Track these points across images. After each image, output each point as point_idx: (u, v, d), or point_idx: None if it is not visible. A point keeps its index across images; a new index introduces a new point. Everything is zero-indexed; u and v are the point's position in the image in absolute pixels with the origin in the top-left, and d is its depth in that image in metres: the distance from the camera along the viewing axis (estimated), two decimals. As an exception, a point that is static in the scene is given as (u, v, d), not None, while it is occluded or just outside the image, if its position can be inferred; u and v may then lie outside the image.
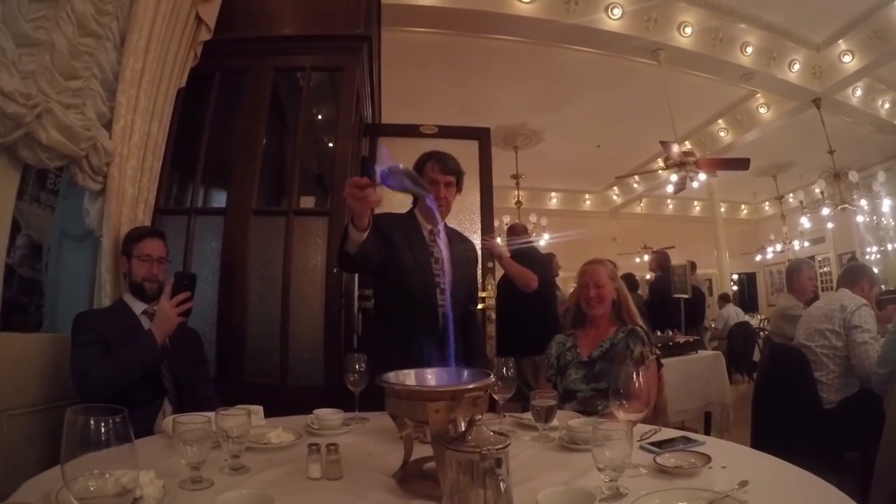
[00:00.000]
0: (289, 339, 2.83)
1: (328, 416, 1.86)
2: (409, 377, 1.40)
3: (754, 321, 8.61)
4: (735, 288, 13.37)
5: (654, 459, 1.38)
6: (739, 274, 14.46)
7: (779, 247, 12.50)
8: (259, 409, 1.81)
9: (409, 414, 1.30)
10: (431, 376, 1.43)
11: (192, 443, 1.25)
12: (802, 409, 3.11)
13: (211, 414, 1.36)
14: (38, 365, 2.14)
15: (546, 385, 2.37)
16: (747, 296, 14.49)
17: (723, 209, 12.46)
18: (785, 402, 3.20)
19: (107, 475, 0.79)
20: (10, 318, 2.09)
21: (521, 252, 4.21)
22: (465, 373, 1.42)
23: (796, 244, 12.02)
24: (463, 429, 1.13)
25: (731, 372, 6.04)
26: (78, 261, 2.59)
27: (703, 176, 7.45)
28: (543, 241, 10.74)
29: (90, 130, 2.29)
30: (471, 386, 1.24)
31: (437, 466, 1.28)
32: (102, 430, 0.77)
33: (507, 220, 10.68)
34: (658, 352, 2.43)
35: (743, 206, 15.15)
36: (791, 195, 11.53)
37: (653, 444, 1.57)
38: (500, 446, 1.01)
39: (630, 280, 7.59)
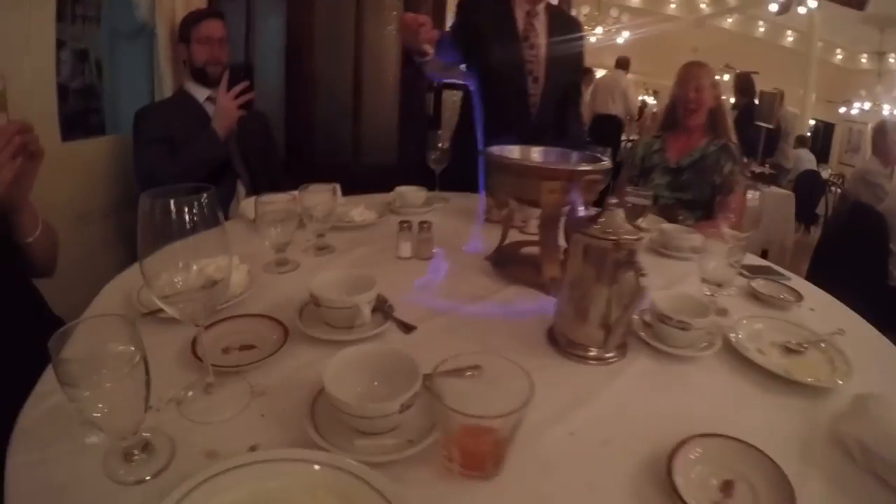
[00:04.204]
0: (361, 116, 2.64)
1: (411, 193, 1.75)
2: (514, 153, 1.22)
3: (824, 174, 7.85)
4: (808, 134, 12.35)
5: (750, 283, 1.28)
6: (817, 121, 13.10)
7: (867, 105, 11.19)
8: (337, 187, 1.72)
9: (518, 192, 1.14)
10: (538, 155, 1.25)
11: (277, 223, 1.16)
12: (866, 277, 2.80)
13: (294, 192, 1.25)
14: (105, 169, 2.07)
15: (627, 185, 2.20)
16: (820, 145, 13.28)
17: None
18: (849, 265, 2.86)
19: (193, 266, 0.67)
20: (72, 129, 1.98)
21: None
22: (575, 155, 1.23)
23: (886, 108, 10.67)
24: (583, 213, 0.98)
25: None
26: (133, 58, 2.35)
27: (813, 2, 6.23)
28: (622, 38, 9.78)
29: None
30: (590, 168, 1.06)
31: (540, 253, 1.16)
32: (186, 214, 0.62)
33: (584, 10, 9.63)
34: (749, 174, 2.20)
35: (838, 50, 13.16)
36: (893, 56, 9.90)
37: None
38: (635, 237, 0.85)
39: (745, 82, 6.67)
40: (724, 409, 0.82)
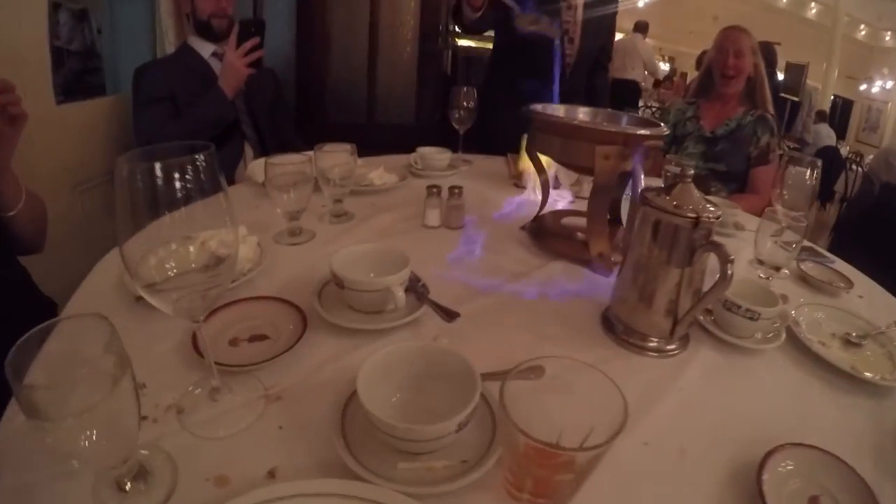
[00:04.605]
0: (377, 74, 2.47)
1: (434, 155, 1.60)
2: (558, 112, 1.07)
3: (843, 150, 7.69)
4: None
5: (799, 266, 1.18)
6: (836, 96, 12.72)
7: (889, 84, 10.89)
8: (354, 147, 1.59)
9: (565, 156, 1.00)
10: (587, 116, 1.11)
11: (289, 187, 1.03)
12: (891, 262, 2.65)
13: (308, 153, 1.12)
14: (105, 131, 1.94)
15: None
16: (838, 122, 12.92)
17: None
18: (874, 248, 2.73)
19: (190, 247, 0.52)
20: (71, 92, 1.83)
21: None
22: (626, 118, 1.09)
23: (908, 88, 10.37)
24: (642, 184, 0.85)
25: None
26: (133, 13, 2.20)
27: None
28: (641, 2, 9.44)
29: None
30: (649, 132, 0.91)
31: (588, 225, 1.03)
32: (177, 182, 0.46)
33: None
34: (786, 147, 2.05)
35: (862, 26, 12.58)
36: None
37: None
38: (716, 215, 0.72)
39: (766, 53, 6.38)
40: (794, 409, 0.73)
